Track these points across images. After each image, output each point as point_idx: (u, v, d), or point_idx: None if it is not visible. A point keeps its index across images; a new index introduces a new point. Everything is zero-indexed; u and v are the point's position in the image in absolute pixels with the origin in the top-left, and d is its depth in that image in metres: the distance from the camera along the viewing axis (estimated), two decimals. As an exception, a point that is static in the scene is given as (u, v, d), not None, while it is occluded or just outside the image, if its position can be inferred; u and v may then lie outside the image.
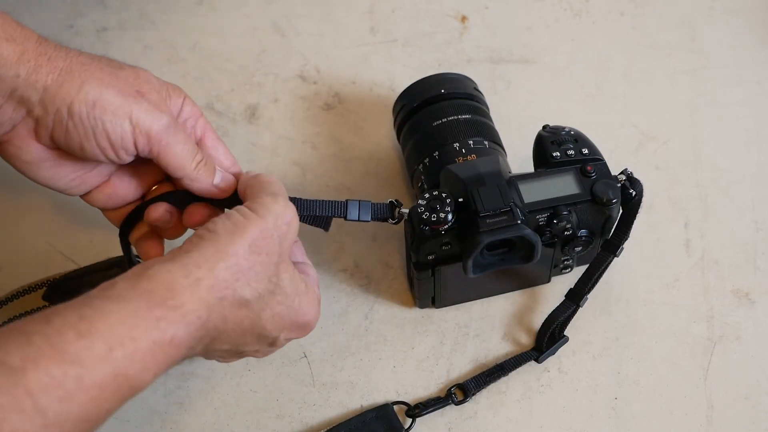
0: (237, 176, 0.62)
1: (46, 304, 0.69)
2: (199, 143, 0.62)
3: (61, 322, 0.44)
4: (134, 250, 0.65)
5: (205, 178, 0.60)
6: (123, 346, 0.45)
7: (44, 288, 0.69)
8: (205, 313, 0.49)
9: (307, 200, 0.62)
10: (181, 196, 0.62)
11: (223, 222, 0.53)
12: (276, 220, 0.54)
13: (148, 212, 0.61)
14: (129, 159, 0.58)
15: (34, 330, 0.43)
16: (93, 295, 0.47)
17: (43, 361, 0.42)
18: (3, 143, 0.58)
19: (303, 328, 0.58)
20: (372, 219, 0.64)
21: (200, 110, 0.63)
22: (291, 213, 0.55)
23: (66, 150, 0.57)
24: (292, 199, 0.62)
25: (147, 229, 0.63)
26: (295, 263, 0.59)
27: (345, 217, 0.63)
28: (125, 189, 0.63)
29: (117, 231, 0.70)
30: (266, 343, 0.56)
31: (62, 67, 0.55)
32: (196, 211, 0.62)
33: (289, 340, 0.58)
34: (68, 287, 0.69)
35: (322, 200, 0.63)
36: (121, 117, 0.56)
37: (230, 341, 0.53)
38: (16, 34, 0.55)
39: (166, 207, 0.61)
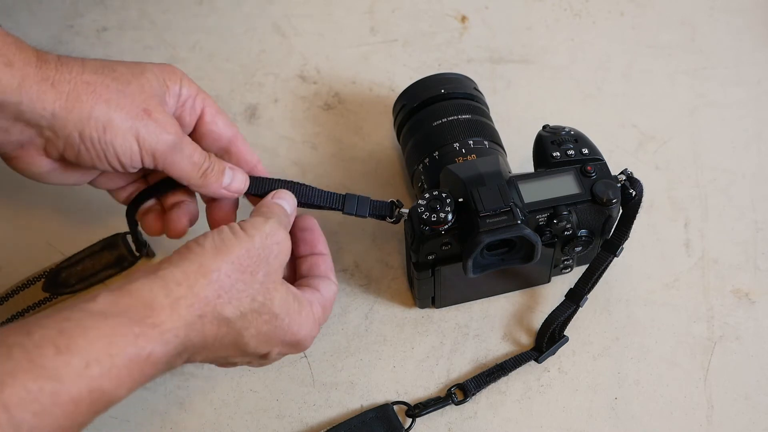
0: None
1: (48, 295, 0.70)
2: (199, 120, 0.63)
3: (41, 336, 0.44)
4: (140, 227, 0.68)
5: (211, 184, 0.62)
6: (100, 363, 0.45)
7: (42, 280, 0.70)
8: (183, 331, 0.49)
9: (306, 186, 0.64)
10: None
11: (212, 238, 0.53)
12: (264, 240, 0.54)
13: (172, 225, 0.64)
14: (136, 170, 0.60)
15: (15, 342, 0.43)
16: (74, 307, 0.47)
17: (20, 375, 0.42)
18: (12, 158, 0.58)
19: (295, 346, 0.58)
20: (369, 215, 0.65)
21: (198, 88, 0.63)
22: (282, 235, 0.56)
23: (75, 164, 0.59)
24: (292, 184, 0.63)
25: (151, 205, 0.66)
26: (312, 277, 0.61)
27: (342, 210, 0.64)
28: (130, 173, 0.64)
29: (115, 229, 0.71)
30: (255, 357, 0.57)
31: (68, 91, 0.55)
32: (217, 211, 0.64)
33: (282, 355, 0.58)
34: (65, 275, 0.70)
35: (321, 190, 0.64)
36: (130, 139, 0.57)
37: (212, 355, 0.54)
38: (15, 57, 0.54)
39: (187, 218, 0.64)
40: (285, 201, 0.61)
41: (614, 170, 0.66)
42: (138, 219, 0.66)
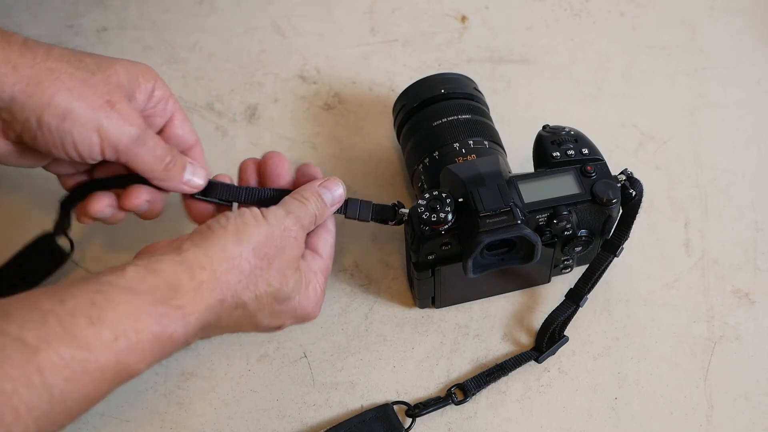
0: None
1: None
2: (167, 123, 0.64)
3: (74, 306, 0.47)
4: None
5: (173, 178, 0.62)
6: (127, 337, 0.48)
7: None
8: (204, 315, 0.52)
9: None
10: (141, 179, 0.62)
11: (234, 221, 0.55)
12: (283, 232, 0.57)
13: (90, 205, 0.62)
14: (95, 162, 0.60)
15: (49, 309, 0.46)
16: (104, 279, 0.49)
17: (55, 342, 0.45)
18: None
19: (304, 319, 0.61)
20: (372, 219, 0.65)
21: (170, 91, 0.63)
22: (297, 232, 0.58)
23: (32, 148, 0.58)
24: (271, 191, 0.64)
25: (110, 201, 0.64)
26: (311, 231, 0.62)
27: (345, 215, 0.64)
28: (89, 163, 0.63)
29: (116, 230, 0.71)
30: (267, 330, 0.60)
31: (29, 76, 0.54)
32: (134, 194, 0.62)
33: (294, 324, 0.61)
34: None
35: None
36: (90, 130, 0.56)
37: (227, 331, 0.56)
38: None
39: (107, 202, 0.62)
40: (329, 192, 0.63)
41: (614, 170, 0.66)
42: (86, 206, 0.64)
